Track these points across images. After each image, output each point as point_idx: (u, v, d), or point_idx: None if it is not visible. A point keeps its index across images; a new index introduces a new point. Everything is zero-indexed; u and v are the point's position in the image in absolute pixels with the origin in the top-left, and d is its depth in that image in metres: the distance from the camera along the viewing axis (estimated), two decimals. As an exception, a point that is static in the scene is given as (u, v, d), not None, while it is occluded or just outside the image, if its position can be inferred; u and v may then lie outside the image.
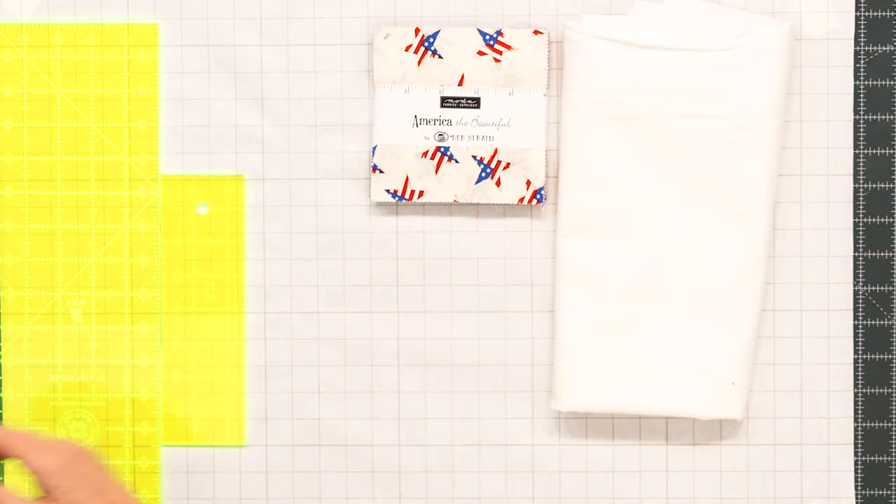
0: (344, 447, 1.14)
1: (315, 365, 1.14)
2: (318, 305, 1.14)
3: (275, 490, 1.14)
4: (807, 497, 1.13)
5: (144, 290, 1.14)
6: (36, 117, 1.14)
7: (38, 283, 1.14)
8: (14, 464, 1.14)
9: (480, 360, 1.13)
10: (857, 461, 1.13)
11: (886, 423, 1.13)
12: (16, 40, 1.14)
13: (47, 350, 1.14)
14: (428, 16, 1.13)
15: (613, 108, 1.11)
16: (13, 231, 1.14)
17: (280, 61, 1.13)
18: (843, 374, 1.13)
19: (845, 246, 1.12)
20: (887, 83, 1.12)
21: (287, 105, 1.13)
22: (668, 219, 1.11)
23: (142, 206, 1.14)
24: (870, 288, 1.12)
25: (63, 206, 1.14)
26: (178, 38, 1.13)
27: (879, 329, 1.13)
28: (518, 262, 1.13)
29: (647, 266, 1.11)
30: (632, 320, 1.11)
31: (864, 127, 1.12)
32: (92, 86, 1.14)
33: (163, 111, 1.14)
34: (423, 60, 1.12)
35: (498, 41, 1.11)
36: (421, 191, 1.12)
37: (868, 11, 1.12)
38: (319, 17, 1.13)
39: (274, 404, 1.14)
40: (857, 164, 1.12)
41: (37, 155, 1.14)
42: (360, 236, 1.13)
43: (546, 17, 1.12)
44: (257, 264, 1.14)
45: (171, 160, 1.14)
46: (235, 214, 1.14)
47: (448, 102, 1.12)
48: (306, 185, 1.13)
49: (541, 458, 1.13)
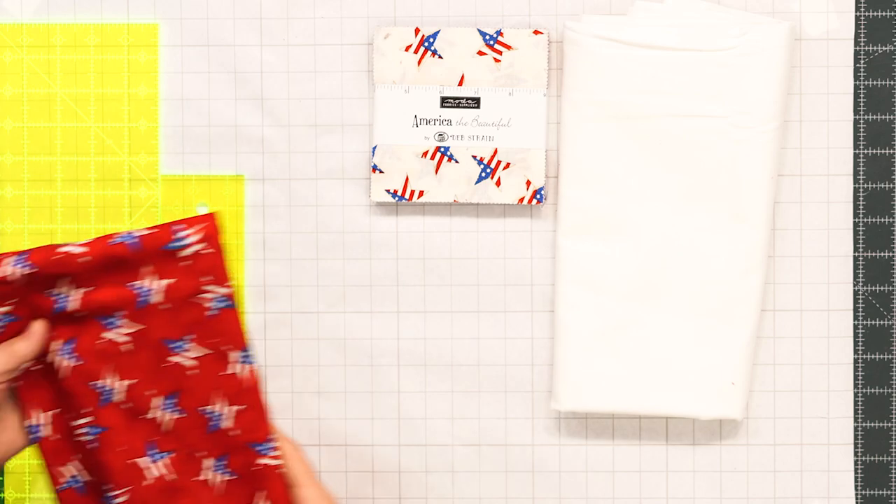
0: (344, 447, 1.14)
1: (315, 365, 1.14)
2: (318, 305, 1.14)
3: (275, 490, 1.14)
4: (807, 497, 1.13)
5: (144, 290, 1.14)
6: (36, 117, 1.14)
7: (38, 283, 1.14)
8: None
9: (480, 360, 1.13)
10: (857, 461, 1.13)
11: (886, 423, 1.13)
12: (16, 40, 1.14)
13: (47, 350, 1.14)
14: (428, 16, 1.13)
15: (613, 108, 1.11)
16: (13, 231, 1.14)
17: (280, 61, 1.13)
18: (843, 374, 1.13)
19: (845, 246, 1.12)
20: (887, 83, 1.12)
21: (287, 105, 1.13)
22: (668, 219, 1.11)
23: (142, 206, 1.14)
24: (870, 288, 1.12)
25: (63, 206, 1.14)
26: (178, 38, 1.13)
27: (879, 329, 1.13)
28: (518, 262, 1.13)
29: (647, 266, 1.11)
30: (632, 320, 1.11)
31: (864, 127, 1.12)
32: (92, 86, 1.14)
33: (163, 111, 1.14)
34: (423, 60, 1.12)
35: (498, 41, 1.11)
36: (421, 191, 1.12)
37: (868, 11, 1.12)
38: (319, 17, 1.13)
39: (274, 404, 1.14)
40: (857, 164, 1.12)
41: (37, 155, 1.14)
42: (360, 236, 1.13)
43: (546, 17, 1.12)
44: (257, 264, 1.14)
45: (171, 160, 1.14)
46: (235, 214, 1.14)
47: (448, 102, 1.12)
48: (306, 185, 1.13)
49: (541, 458, 1.13)
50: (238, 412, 0.99)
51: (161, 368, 0.98)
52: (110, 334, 0.98)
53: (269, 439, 0.99)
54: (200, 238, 0.97)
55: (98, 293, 0.97)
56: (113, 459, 0.98)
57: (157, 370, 0.99)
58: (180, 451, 0.99)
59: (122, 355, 0.98)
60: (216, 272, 0.98)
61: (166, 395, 0.99)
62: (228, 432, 0.99)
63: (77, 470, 1.00)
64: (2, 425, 0.98)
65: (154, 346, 0.98)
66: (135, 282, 0.97)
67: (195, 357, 0.99)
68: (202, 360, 0.99)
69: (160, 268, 0.98)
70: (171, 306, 0.98)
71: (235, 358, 0.99)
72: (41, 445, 0.99)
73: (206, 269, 0.98)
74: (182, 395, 0.99)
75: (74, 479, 1.00)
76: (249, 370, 0.99)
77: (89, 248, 0.96)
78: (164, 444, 0.99)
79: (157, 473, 0.99)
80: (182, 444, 0.99)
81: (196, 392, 0.99)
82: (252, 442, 0.99)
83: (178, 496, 0.99)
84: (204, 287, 0.98)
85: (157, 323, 0.98)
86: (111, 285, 0.97)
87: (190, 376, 0.99)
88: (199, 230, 0.97)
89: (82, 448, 0.99)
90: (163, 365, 0.98)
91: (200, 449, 0.99)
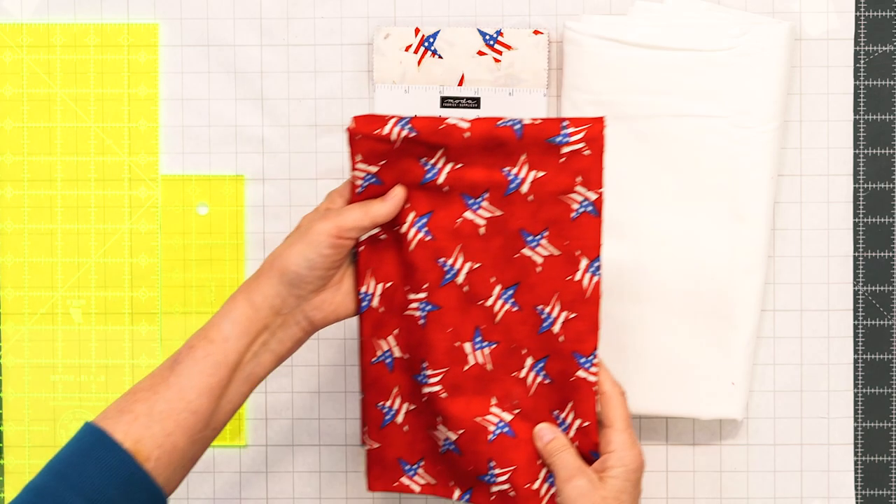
0: (344, 447, 1.14)
1: (315, 365, 1.14)
2: (318, 305, 1.14)
3: (275, 490, 1.14)
4: (807, 497, 1.13)
5: (144, 290, 1.14)
6: (36, 117, 1.14)
7: (38, 283, 1.14)
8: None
9: (480, 360, 1.13)
10: (857, 461, 1.13)
11: (886, 423, 1.13)
12: (16, 40, 1.14)
13: (47, 350, 1.14)
14: (428, 16, 1.13)
15: (613, 108, 1.11)
16: (13, 231, 1.14)
17: (280, 61, 1.13)
18: (843, 374, 1.13)
19: (845, 246, 1.12)
20: (887, 83, 1.12)
21: (287, 105, 1.13)
22: (668, 219, 1.11)
23: (142, 206, 1.14)
24: (870, 288, 1.12)
25: (63, 206, 1.14)
26: (178, 38, 1.13)
27: (879, 329, 1.13)
28: (518, 262, 1.13)
29: (647, 266, 1.11)
30: (632, 320, 1.11)
31: (864, 127, 1.12)
32: (92, 86, 1.14)
33: (163, 111, 1.14)
34: (423, 60, 1.12)
35: (498, 41, 1.11)
36: (421, 191, 1.12)
37: (868, 11, 1.12)
38: (319, 17, 1.13)
39: (274, 404, 1.14)
40: (857, 164, 1.12)
41: (37, 155, 1.14)
42: (360, 236, 1.13)
43: (546, 17, 1.12)
44: (257, 264, 1.14)
45: (171, 160, 1.14)
46: (235, 214, 1.14)
47: (448, 102, 1.12)
48: (306, 185, 1.13)
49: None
50: (571, 320, 0.99)
51: (509, 259, 0.99)
52: (470, 215, 0.99)
53: (593, 354, 0.99)
54: (583, 138, 0.98)
55: (469, 171, 0.98)
56: (438, 339, 0.99)
57: (505, 260, 0.99)
58: (503, 345, 1.00)
59: (475, 238, 0.99)
60: (590, 175, 0.98)
61: (507, 287, 1.00)
62: (557, 337, 0.99)
63: (391, 346, 1.01)
64: (338, 287, 0.99)
65: (509, 236, 0.99)
66: (507, 168, 0.98)
67: (545, 256, 0.99)
68: (551, 259, 0.99)
69: (536, 159, 0.98)
70: (535, 199, 0.98)
71: (585, 266, 0.99)
72: (365, 315, 1.00)
73: (580, 170, 0.98)
74: (521, 290, 1.00)
75: (386, 355, 1.01)
76: (595, 282, 0.99)
77: (473, 126, 0.97)
78: (490, 335, 1.00)
79: (476, 361, 1.00)
80: (507, 338, 1.00)
81: (537, 290, 0.99)
82: (577, 352, 0.99)
83: (491, 387, 1.00)
84: (575, 188, 0.98)
85: (519, 213, 0.99)
86: (484, 167, 0.98)
87: (535, 273, 0.99)
88: (585, 130, 0.98)
89: (405, 324, 1.00)
90: (514, 255, 0.99)
91: (524, 346, 1.00)
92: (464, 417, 0.99)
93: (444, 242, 0.99)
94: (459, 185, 0.98)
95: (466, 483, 1.01)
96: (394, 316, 1.00)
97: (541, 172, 0.98)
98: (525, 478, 0.99)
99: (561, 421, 1.00)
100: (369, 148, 0.98)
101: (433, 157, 0.98)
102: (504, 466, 0.99)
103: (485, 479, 0.99)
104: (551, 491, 0.98)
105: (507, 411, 1.00)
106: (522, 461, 0.99)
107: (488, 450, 0.99)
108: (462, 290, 0.99)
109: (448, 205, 0.99)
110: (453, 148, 0.98)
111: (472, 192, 0.99)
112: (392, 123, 0.97)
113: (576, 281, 0.99)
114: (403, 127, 0.97)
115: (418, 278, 0.99)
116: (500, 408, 1.00)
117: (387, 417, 1.02)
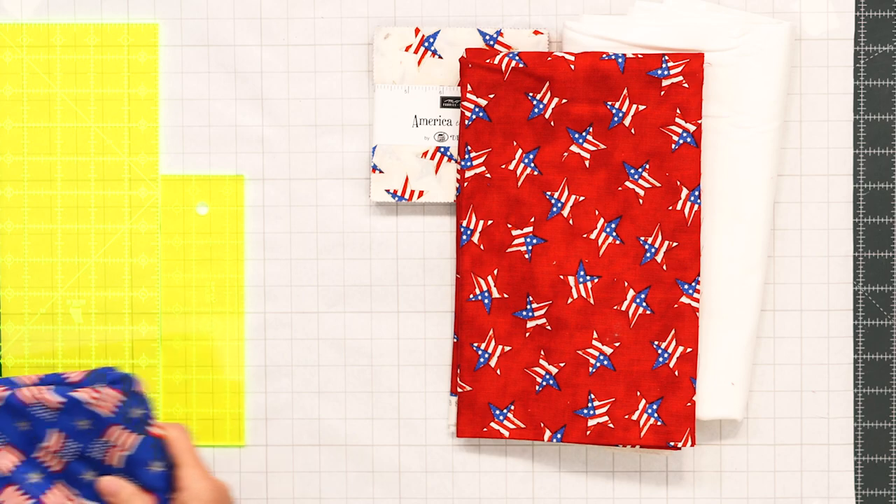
0: (344, 447, 1.14)
1: (315, 365, 1.14)
2: (317, 305, 1.14)
3: (275, 490, 1.14)
4: (807, 497, 1.13)
5: (144, 290, 1.14)
6: (36, 117, 1.14)
7: (38, 283, 1.14)
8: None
9: (480, 360, 1.13)
10: (857, 461, 1.13)
11: (886, 423, 1.13)
12: (16, 40, 1.14)
13: (47, 350, 1.14)
14: (428, 16, 1.13)
15: (613, 108, 1.11)
16: (13, 231, 1.14)
17: (280, 61, 1.13)
18: (843, 374, 1.13)
19: (845, 246, 1.12)
20: (887, 83, 1.12)
21: (287, 105, 1.13)
22: (668, 219, 1.11)
23: (142, 206, 1.14)
24: (870, 288, 1.12)
25: (63, 206, 1.14)
26: (178, 38, 1.13)
27: (879, 329, 1.13)
28: (518, 262, 1.13)
29: (647, 266, 1.11)
30: (632, 320, 1.11)
31: (864, 127, 1.12)
32: (92, 86, 1.14)
33: (163, 111, 1.14)
34: (423, 60, 1.12)
35: (498, 41, 1.11)
36: (421, 191, 1.12)
37: (868, 11, 1.12)
38: (319, 17, 1.13)
39: (274, 404, 1.14)
40: (857, 164, 1.12)
41: (37, 155, 1.14)
42: (360, 236, 1.13)
43: (546, 17, 1.12)
44: (257, 264, 1.14)
45: (171, 160, 1.14)
46: (235, 214, 1.14)
47: (448, 102, 1.12)
48: (306, 185, 1.13)
49: (540, 458, 1.13)
50: (673, 248, 1.02)
51: (613, 191, 1.02)
52: (576, 148, 1.02)
53: (696, 280, 1.02)
54: (682, 71, 1.02)
55: (574, 106, 1.02)
56: (543, 273, 1.02)
57: (609, 192, 1.02)
58: (606, 277, 1.03)
59: (581, 171, 1.02)
60: (689, 107, 1.02)
61: (610, 219, 1.02)
62: (660, 266, 1.02)
63: (490, 286, 1.04)
64: None
65: (612, 168, 1.02)
66: (609, 101, 1.01)
67: (646, 188, 1.02)
68: (652, 191, 1.02)
69: (637, 92, 1.02)
70: (637, 132, 1.01)
71: (685, 195, 1.02)
72: (464, 250, 1.03)
73: (679, 103, 1.02)
74: (624, 222, 1.02)
75: (484, 294, 1.04)
76: (696, 210, 1.02)
77: (578, 58, 1.01)
78: (594, 268, 1.03)
79: (579, 295, 1.03)
80: (610, 271, 1.03)
81: (639, 221, 1.03)
82: (680, 279, 1.02)
83: (593, 320, 1.03)
84: (675, 119, 1.01)
85: (622, 146, 1.02)
86: (587, 101, 1.02)
87: (638, 205, 1.02)
88: (684, 64, 1.02)
89: (507, 262, 1.03)
90: (617, 188, 1.02)
91: (626, 279, 1.03)
92: (566, 350, 1.04)
93: (552, 176, 1.03)
94: (565, 119, 1.02)
95: (559, 422, 1.05)
96: (494, 255, 1.04)
97: (642, 106, 1.02)
98: (624, 409, 1.04)
99: (661, 351, 1.03)
100: (479, 77, 1.02)
101: (539, 90, 1.01)
102: (604, 398, 1.03)
103: (583, 413, 1.03)
104: (650, 422, 1.03)
105: (607, 344, 1.04)
106: (621, 393, 1.04)
107: (589, 382, 1.04)
108: (568, 222, 1.02)
109: (554, 139, 1.03)
110: (559, 81, 1.01)
111: (577, 127, 1.02)
112: (502, 55, 1.02)
113: (677, 210, 1.03)
114: (513, 58, 1.02)
115: (525, 213, 1.03)
116: (601, 341, 1.04)
117: (481, 360, 1.05)
